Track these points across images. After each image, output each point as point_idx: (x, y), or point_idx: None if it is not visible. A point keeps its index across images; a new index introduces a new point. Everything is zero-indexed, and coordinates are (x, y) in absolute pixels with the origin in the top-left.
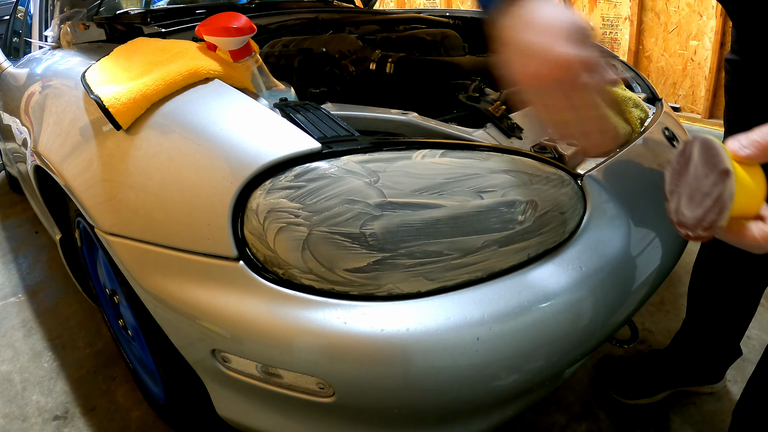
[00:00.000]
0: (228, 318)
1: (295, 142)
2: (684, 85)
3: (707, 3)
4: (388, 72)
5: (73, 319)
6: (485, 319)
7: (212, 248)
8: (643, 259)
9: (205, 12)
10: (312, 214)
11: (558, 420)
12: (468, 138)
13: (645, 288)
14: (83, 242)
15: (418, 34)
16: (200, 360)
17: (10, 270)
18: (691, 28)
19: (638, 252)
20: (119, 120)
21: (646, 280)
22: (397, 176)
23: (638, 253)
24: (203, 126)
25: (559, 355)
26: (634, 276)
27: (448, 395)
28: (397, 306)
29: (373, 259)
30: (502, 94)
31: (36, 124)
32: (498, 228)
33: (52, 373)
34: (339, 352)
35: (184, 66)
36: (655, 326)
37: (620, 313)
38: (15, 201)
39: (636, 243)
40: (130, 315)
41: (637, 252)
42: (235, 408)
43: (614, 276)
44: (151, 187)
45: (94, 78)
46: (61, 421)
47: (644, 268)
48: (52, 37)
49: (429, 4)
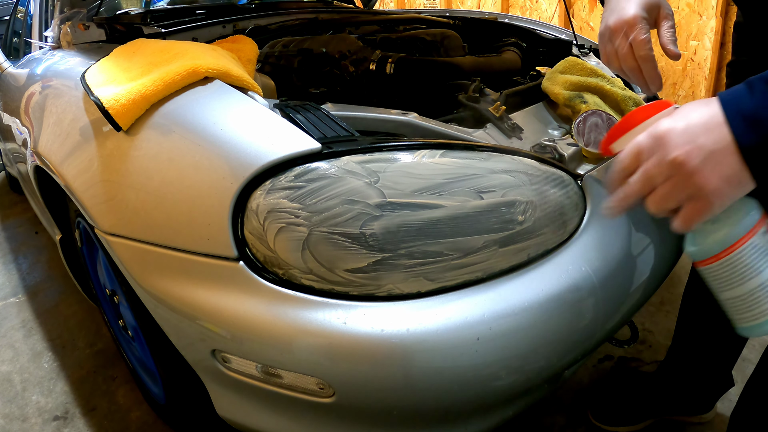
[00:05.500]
0: (228, 318)
1: (295, 142)
2: (684, 85)
3: (707, 3)
4: (388, 72)
5: (73, 319)
6: (485, 319)
7: (212, 248)
8: (643, 259)
9: (205, 12)
10: (312, 214)
11: (558, 420)
12: (468, 138)
13: (645, 288)
14: (83, 242)
15: (418, 34)
16: (200, 360)
17: (10, 270)
18: (691, 28)
19: (638, 252)
20: (119, 121)
21: (645, 281)
22: (397, 176)
23: (638, 253)
24: (203, 126)
25: (559, 356)
26: (633, 276)
27: (448, 395)
28: (397, 306)
29: (373, 260)
30: (502, 94)
31: (36, 125)
32: (498, 228)
33: (52, 373)
34: (339, 353)
35: (182, 66)
36: (655, 326)
37: (620, 314)
38: (15, 201)
39: (636, 243)
40: (130, 315)
41: (637, 252)
42: (235, 408)
43: (614, 276)
44: (151, 187)
45: (93, 79)
46: (61, 422)
47: (644, 269)
48: (52, 38)
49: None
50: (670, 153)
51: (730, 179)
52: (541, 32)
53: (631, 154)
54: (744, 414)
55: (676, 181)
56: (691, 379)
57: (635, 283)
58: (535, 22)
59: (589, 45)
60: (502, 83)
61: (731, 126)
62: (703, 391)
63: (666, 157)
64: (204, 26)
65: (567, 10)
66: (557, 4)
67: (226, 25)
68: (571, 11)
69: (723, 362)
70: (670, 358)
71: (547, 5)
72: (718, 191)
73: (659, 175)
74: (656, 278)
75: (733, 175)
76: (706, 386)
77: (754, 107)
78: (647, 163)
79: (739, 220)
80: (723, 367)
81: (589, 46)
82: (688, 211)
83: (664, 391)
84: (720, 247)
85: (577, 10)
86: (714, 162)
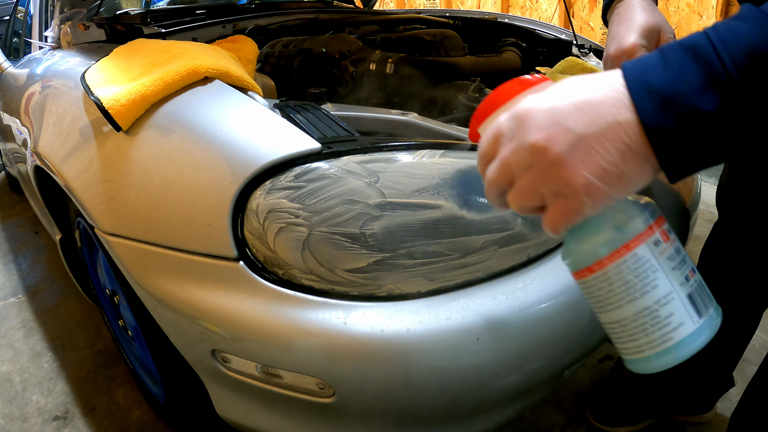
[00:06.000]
0: (228, 318)
1: (295, 142)
2: None
3: (707, 3)
4: (388, 72)
5: (73, 319)
6: (485, 320)
7: (212, 248)
8: None
9: (205, 12)
10: (312, 214)
11: (558, 421)
12: (468, 138)
13: None
14: (83, 242)
15: (418, 34)
16: (200, 360)
17: (10, 270)
18: (691, 28)
19: None
20: (119, 121)
21: None
22: (397, 176)
23: None
24: (203, 126)
25: (559, 356)
26: None
27: (448, 395)
28: (397, 306)
29: (373, 260)
30: None
31: (36, 125)
32: (498, 228)
33: (52, 373)
34: (339, 353)
35: (182, 66)
36: None
37: None
38: (15, 201)
39: None
40: (130, 315)
41: None
42: (235, 408)
43: None
44: (151, 187)
45: (93, 79)
46: (61, 422)
47: None
48: (52, 38)
49: (429, 4)
50: (528, 136)
51: (606, 172)
52: (541, 32)
53: (489, 137)
54: (744, 415)
55: (536, 173)
56: (692, 379)
57: None
58: (535, 22)
59: (589, 45)
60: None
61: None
62: (703, 392)
63: (524, 142)
64: (204, 26)
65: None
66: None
67: (226, 25)
68: (571, 11)
69: (724, 363)
70: None
71: (547, 5)
72: (588, 187)
73: (517, 163)
74: None
75: (611, 168)
76: (706, 386)
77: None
78: (503, 149)
79: (621, 224)
80: (724, 367)
81: (589, 46)
82: (554, 210)
83: (664, 391)
84: (594, 257)
85: (577, 10)
86: (585, 149)
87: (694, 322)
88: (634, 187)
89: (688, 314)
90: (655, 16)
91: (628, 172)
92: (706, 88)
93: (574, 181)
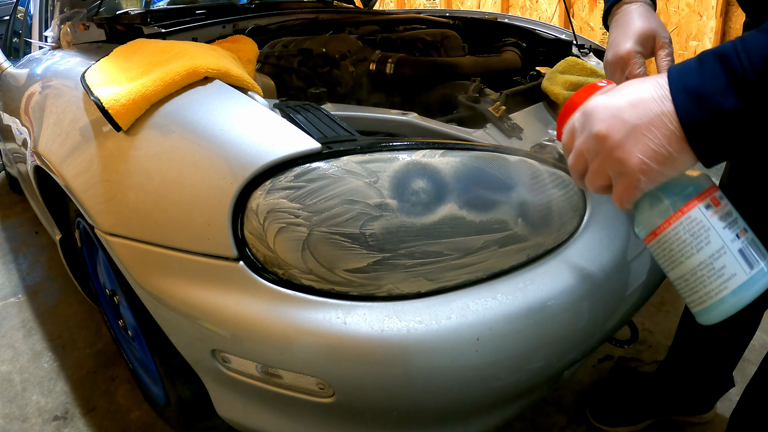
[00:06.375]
0: (228, 318)
1: (295, 142)
2: None
3: (707, 3)
4: (388, 72)
5: (73, 319)
6: (485, 319)
7: (212, 248)
8: (643, 259)
9: (205, 12)
10: (312, 214)
11: (558, 421)
12: (468, 138)
13: (644, 288)
14: (83, 242)
15: (418, 34)
16: (200, 360)
17: (10, 270)
18: (691, 28)
19: (638, 253)
20: (119, 121)
21: (645, 281)
22: (397, 176)
23: (638, 253)
24: (203, 126)
25: (559, 356)
26: (633, 276)
27: (448, 395)
28: (397, 306)
29: (373, 260)
30: (502, 94)
31: (36, 125)
32: (498, 228)
33: (52, 373)
34: (339, 353)
35: (182, 66)
36: (656, 326)
37: (619, 314)
38: (15, 201)
39: (635, 244)
40: (130, 315)
41: (637, 253)
42: (235, 408)
43: (614, 276)
44: (151, 187)
45: (93, 79)
46: (61, 422)
47: (643, 269)
48: (52, 38)
49: (429, 4)
50: (593, 127)
51: (656, 154)
52: (541, 32)
53: (567, 133)
54: (744, 415)
55: (602, 157)
56: (692, 380)
57: (635, 283)
58: (535, 22)
59: (589, 45)
60: (502, 83)
61: (674, 100)
62: (703, 392)
63: (591, 132)
64: (204, 26)
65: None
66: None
67: (226, 25)
68: (571, 11)
69: (724, 363)
70: (670, 357)
71: (547, 5)
72: (642, 166)
73: (587, 151)
74: (656, 278)
75: (660, 150)
76: (706, 386)
77: (700, 82)
78: (577, 140)
79: (674, 194)
80: (724, 368)
81: (589, 46)
82: (617, 188)
83: (664, 391)
84: (654, 223)
85: (577, 10)
86: (637, 136)
87: (746, 272)
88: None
89: (740, 266)
90: (650, 21)
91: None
92: (730, 89)
93: (631, 162)
